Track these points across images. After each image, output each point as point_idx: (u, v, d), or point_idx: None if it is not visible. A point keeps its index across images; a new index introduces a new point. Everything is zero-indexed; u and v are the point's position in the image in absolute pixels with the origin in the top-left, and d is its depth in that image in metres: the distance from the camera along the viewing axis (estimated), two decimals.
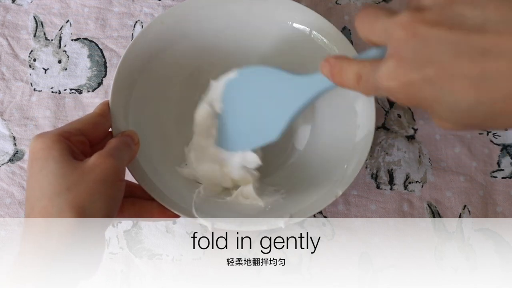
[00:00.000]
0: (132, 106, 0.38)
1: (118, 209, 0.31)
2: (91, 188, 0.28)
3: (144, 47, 0.39)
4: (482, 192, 0.44)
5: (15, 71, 0.46)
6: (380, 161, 0.44)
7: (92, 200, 0.28)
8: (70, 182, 0.27)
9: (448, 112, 0.21)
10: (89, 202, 0.27)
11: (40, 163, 0.29)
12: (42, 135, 0.30)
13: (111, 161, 0.29)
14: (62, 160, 0.28)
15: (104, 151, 0.30)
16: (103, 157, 0.29)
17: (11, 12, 0.49)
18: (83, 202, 0.27)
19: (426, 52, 0.21)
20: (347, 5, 0.50)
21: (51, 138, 0.29)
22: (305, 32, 0.41)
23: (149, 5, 0.49)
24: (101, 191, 0.28)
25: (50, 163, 0.28)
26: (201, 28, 0.41)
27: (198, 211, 0.34)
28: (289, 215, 0.35)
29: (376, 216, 0.42)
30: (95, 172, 0.28)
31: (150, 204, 0.35)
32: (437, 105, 0.21)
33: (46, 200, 0.27)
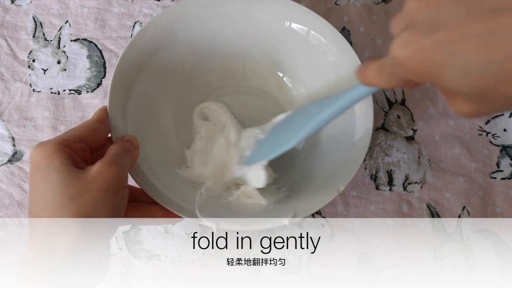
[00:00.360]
0: (130, 109, 0.38)
1: (122, 217, 0.30)
2: (94, 197, 0.28)
3: (140, 49, 0.38)
4: (481, 193, 0.44)
5: (14, 71, 0.46)
6: (379, 162, 0.45)
7: (97, 210, 0.27)
8: (73, 192, 0.27)
9: (459, 77, 0.21)
10: (93, 212, 0.27)
11: (42, 173, 0.28)
12: (42, 144, 0.30)
13: (114, 169, 0.29)
14: (64, 170, 0.28)
15: (106, 159, 0.30)
16: (105, 166, 0.29)
17: (10, 13, 0.49)
18: (87, 212, 0.27)
19: (438, 18, 0.20)
20: (346, 6, 0.50)
21: (51, 147, 0.29)
22: (303, 32, 0.41)
23: (148, 5, 0.49)
24: (105, 200, 0.28)
25: (52, 173, 0.28)
26: (198, 29, 0.41)
27: (202, 212, 0.34)
28: (293, 213, 0.35)
29: (375, 217, 0.42)
30: (98, 181, 0.28)
31: (153, 208, 0.35)
32: (449, 69, 0.21)
33: (50, 211, 0.27)
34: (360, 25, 0.49)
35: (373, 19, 0.50)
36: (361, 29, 0.49)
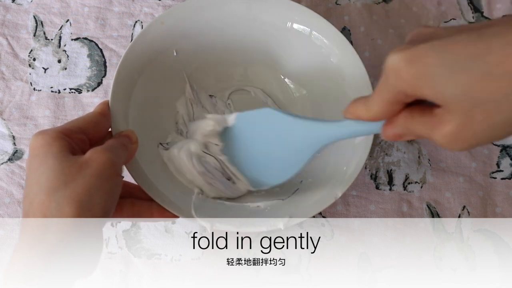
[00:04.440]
0: (132, 106, 0.38)
1: (116, 204, 0.31)
2: (88, 182, 0.28)
3: (144, 48, 0.39)
4: (482, 193, 0.44)
5: (15, 70, 0.46)
6: (379, 161, 0.45)
7: (90, 194, 0.27)
8: (67, 177, 0.27)
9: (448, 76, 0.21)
10: (87, 197, 0.27)
11: (39, 159, 0.29)
12: (42, 132, 0.30)
13: (107, 155, 0.29)
14: (60, 156, 0.28)
15: (99, 147, 0.30)
16: (98, 152, 0.29)
17: (11, 12, 0.49)
18: (80, 197, 0.27)
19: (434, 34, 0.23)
20: (347, 6, 0.50)
21: (51, 135, 0.29)
22: (305, 32, 0.41)
23: (149, 4, 0.49)
24: (98, 186, 0.28)
25: (49, 159, 0.28)
26: (201, 28, 0.41)
27: (198, 211, 0.34)
28: (288, 216, 0.35)
29: (375, 217, 0.42)
30: (91, 166, 0.28)
31: (149, 205, 0.35)
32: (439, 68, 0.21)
33: (44, 196, 0.27)
34: (360, 25, 0.49)
35: (373, 19, 0.50)
36: (362, 29, 0.49)
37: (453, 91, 0.21)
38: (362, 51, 0.48)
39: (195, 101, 0.42)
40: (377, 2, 0.50)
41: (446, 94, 0.22)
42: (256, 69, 0.45)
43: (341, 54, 0.40)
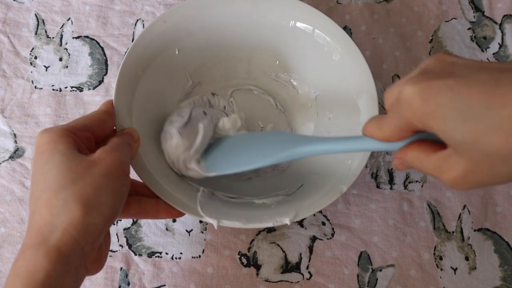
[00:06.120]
0: (135, 104, 0.38)
1: (124, 204, 0.30)
2: (96, 181, 0.28)
3: (147, 46, 0.39)
4: (482, 192, 0.44)
5: (16, 68, 0.47)
6: (380, 160, 0.45)
7: (98, 193, 0.27)
8: (75, 175, 0.27)
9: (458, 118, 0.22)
10: (94, 196, 0.27)
11: (46, 157, 0.28)
12: (48, 130, 0.30)
13: (116, 155, 0.29)
14: (67, 154, 0.28)
15: (108, 146, 0.30)
16: (107, 151, 0.29)
17: (13, 10, 0.49)
18: (88, 195, 0.27)
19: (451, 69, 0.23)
20: (348, 5, 0.50)
21: (58, 132, 0.29)
22: (308, 30, 0.41)
23: (150, 3, 0.49)
24: (106, 185, 0.28)
25: (56, 156, 0.28)
26: (204, 27, 0.41)
27: (204, 209, 0.34)
28: (294, 212, 0.35)
29: (375, 216, 0.43)
30: (100, 165, 0.28)
31: (156, 203, 0.35)
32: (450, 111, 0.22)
33: (51, 193, 0.27)
34: (361, 24, 0.49)
35: (374, 18, 0.50)
36: (363, 27, 0.49)
37: (462, 138, 0.22)
38: (363, 50, 0.48)
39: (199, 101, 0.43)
40: (378, 1, 0.50)
41: (455, 139, 0.22)
42: (259, 67, 0.45)
43: (344, 52, 0.40)
